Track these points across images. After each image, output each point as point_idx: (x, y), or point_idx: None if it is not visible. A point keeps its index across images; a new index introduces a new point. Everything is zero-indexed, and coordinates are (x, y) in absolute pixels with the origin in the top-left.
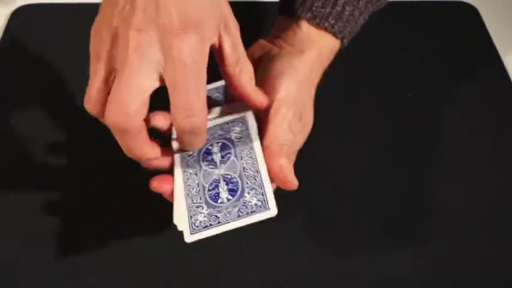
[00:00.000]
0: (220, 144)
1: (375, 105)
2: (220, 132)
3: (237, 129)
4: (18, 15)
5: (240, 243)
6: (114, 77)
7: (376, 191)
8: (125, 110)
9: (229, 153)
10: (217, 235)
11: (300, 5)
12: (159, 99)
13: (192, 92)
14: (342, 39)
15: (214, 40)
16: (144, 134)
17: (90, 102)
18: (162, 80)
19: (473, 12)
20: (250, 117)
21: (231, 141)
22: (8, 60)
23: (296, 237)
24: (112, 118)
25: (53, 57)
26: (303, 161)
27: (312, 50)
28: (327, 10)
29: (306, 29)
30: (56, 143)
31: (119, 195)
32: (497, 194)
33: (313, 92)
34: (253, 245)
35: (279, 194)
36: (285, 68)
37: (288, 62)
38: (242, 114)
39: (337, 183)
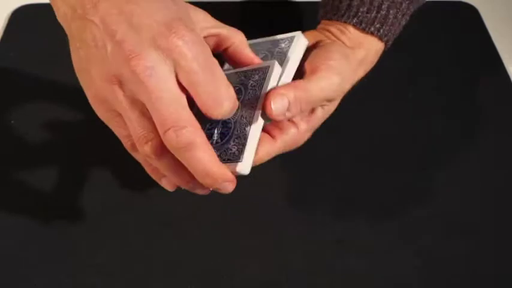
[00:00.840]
0: (236, 88)
1: (374, 105)
2: (243, 78)
3: (256, 77)
4: (18, 15)
5: (240, 243)
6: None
7: (375, 191)
8: (180, 124)
9: (238, 98)
10: None
11: (346, 11)
12: None
13: (213, 84)
14: (386, 42)
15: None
16: (210, 145)
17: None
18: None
19: (473, 12)
20: (274, 69)
21: (246, 87)
22: (8, 60)
23: (296, 237)
24: (173, 139)
25: (52, 57)
26: (303, 162)
27: (360, 50)
28: (373, 15)
29: (352, 34)
30: (56, 143)
31: (119, 195)
32: (497, 194)
33: (347, 88)
34: (254, 245)
35: (281, 194)
36: (338, 51)
37: (342, 49)
38: (267, 64)
39: (336, 184)
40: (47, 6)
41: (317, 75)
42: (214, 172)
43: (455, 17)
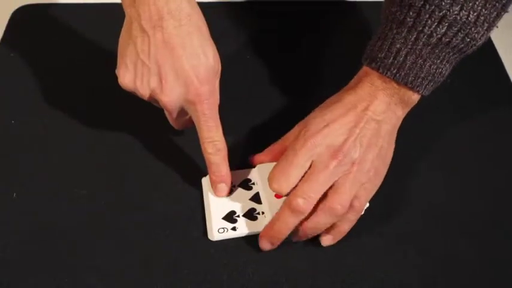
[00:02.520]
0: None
1: None
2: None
3: None
4: (18, 15)
5: (240, 243)
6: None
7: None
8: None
9: None
10: None
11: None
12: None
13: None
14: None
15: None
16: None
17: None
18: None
19: None
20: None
21: None
22: (8, 60)
23: None
24: (209, 147)
25: (52, 57)
26: None
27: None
28: (389, 60)
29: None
30: (56, 142)
31: (119, 195)
32: (496, 194)
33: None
34: (254, 245)
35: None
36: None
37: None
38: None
39: None
40: (48, 7)
41: None
42: (220, 171)
43: None
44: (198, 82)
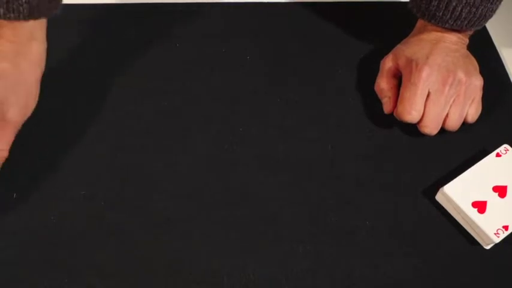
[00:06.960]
0: None
1: (374, 104)
2: None
3: None
4: None
5: (240, 243)
6: None
7: (374, 191)
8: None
9: None
10: None
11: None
12: None
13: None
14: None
15: None
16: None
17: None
18: None
19: None
20: None
21: None
22: None
23: (296, 237)
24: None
25: (52, 57)
26: (304, 162)
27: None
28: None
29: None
30: (56, 143)
31: (119, 195)
32: None
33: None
34: (254, 245)
35: (281, 194)
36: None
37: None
38: None
39: (336, 185)
40: None
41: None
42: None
43: None
44: None
